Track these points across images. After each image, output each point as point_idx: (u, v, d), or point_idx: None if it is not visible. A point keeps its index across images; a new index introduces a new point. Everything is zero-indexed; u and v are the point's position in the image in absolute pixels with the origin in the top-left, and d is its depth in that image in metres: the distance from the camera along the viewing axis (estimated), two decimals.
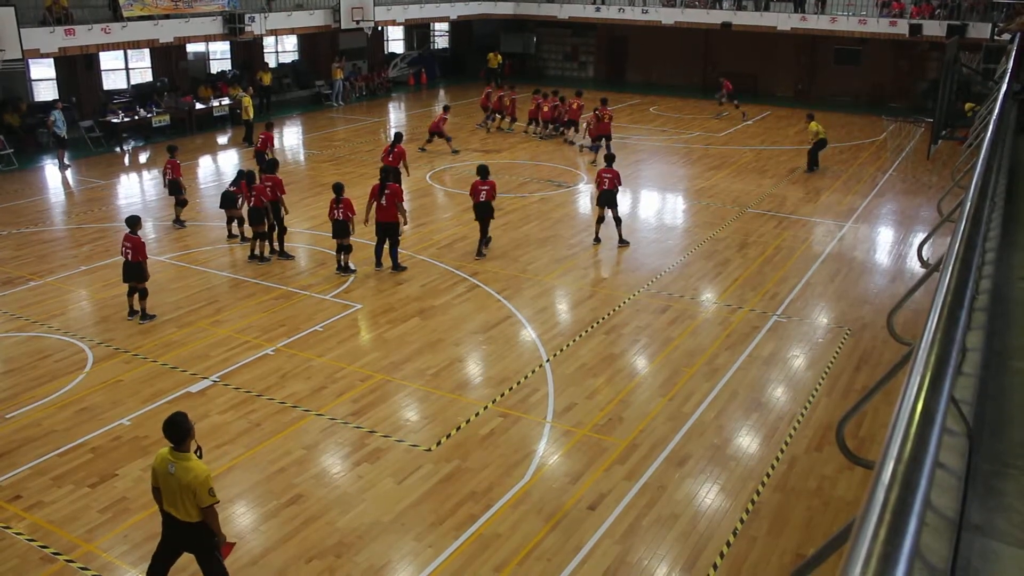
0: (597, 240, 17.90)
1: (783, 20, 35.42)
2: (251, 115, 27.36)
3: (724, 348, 13.13)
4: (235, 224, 18.01)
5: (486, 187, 16.59)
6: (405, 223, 16.17)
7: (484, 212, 16.77)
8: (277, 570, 8.22)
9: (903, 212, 20.92)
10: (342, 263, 15.97)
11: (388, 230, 15.88)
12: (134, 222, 14.00)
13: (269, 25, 31.35)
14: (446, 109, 27.53)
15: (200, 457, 7.31)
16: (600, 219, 17.80)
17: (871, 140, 29.53)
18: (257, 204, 16.33)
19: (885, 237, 19.20)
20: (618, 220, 17.71)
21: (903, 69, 36.19)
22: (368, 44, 39.09)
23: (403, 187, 17.28)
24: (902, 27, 33.14)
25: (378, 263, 16.17)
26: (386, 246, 16.00)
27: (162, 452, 7.26)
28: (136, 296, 13.99)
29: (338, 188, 15.87)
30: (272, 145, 22.01)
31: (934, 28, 32.45)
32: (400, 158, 19.68)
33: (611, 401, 11.45)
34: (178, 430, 7.18)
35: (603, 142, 25.24)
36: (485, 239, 17.09)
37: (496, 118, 30.04)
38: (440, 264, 16.49)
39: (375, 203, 15.76)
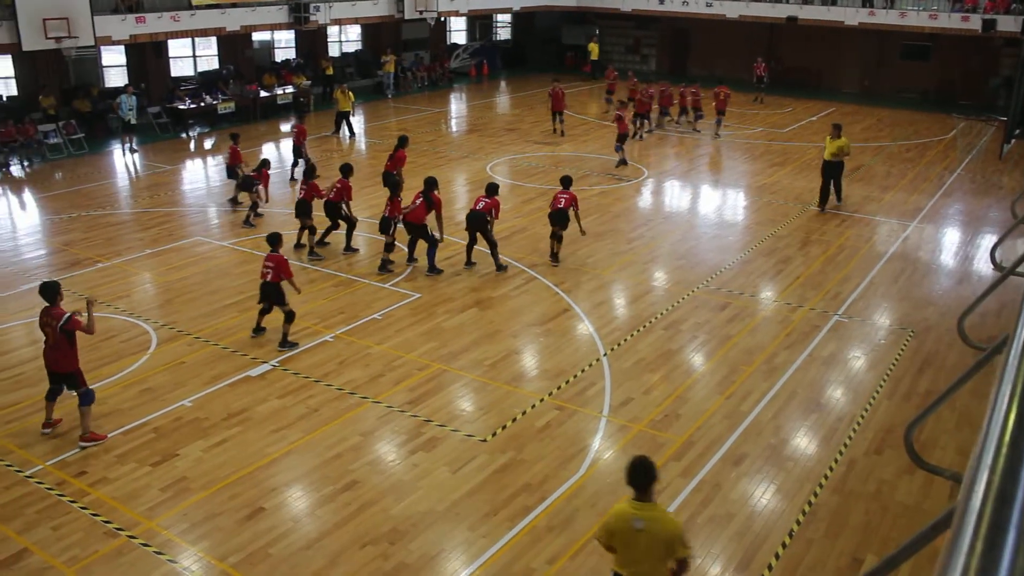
0: (555, 258, 16.24)
1: (850, 15, 34.79)
2: (349, 107, 27.13)
3: (783, 347, 12.97)
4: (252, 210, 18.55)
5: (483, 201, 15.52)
6: (440, 238, 15.78)
7: (476, 224, 15.56)
8: (332, 554, 8.31)
9: (972, 213, 20.43)
10: (384, 258, 15.77)
11: (415, 231, 15.68)
12: (275, 240, 12.75)
13: (333, 15, 31.62)
14: (556, 77, 28.10)
15: None
16: (554, 236, 16.20)
17: (939, 138, 28.90)
18: (306, 197, 16.36)
19: (952, 238, 18.77)
20: (559, 238, 16.23)
21: (975, 65, 35.31)
22: (430, 34, 39.25)
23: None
24: (975, 22, 32.34)
25: (409, 257, 16.05)
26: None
27: (619, 508, 6.28)
28: (264, 317, 12.98)
29: (392, 186, 16.06)
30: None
31: (1009, 24, 31.61)
32: (399, 164, 18.77)
33: (668, 397, 11.38)
34: (648, 474, 6.21)
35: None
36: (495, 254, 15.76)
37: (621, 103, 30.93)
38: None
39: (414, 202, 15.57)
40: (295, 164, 21.87)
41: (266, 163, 18.88)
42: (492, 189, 15.73)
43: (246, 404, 11.09)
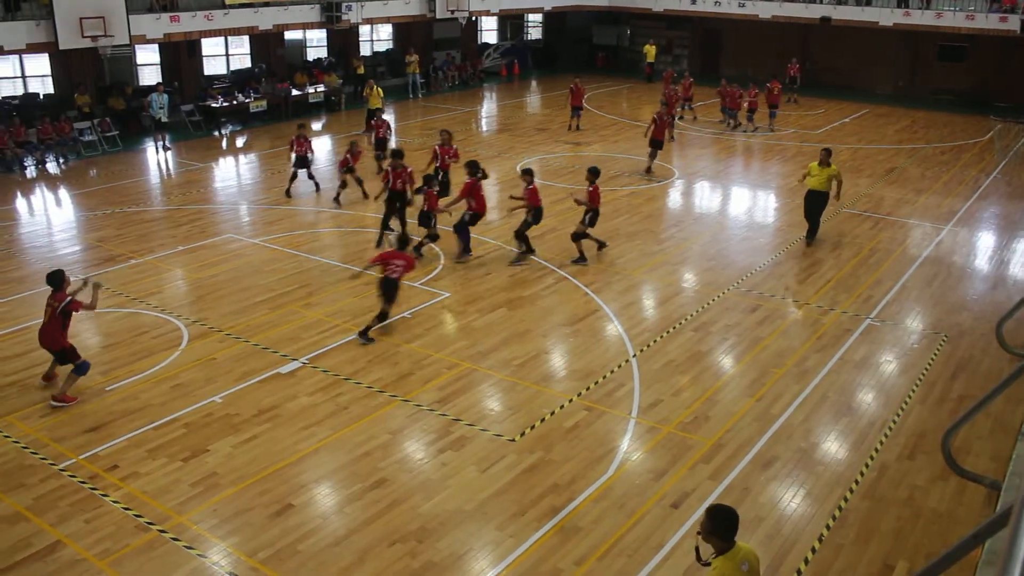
0: (590, 255, 16.41)
1: (885, 15, 34.43)
2: (379, 104, 27.16)
3: (814, 350, 12.86)
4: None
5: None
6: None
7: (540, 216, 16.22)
8: (360, 551, 8.34)
9: (1008, 216, 20.15)
10: (419, 249, 16.06)
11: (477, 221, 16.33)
12: (405, 242, 13.43)
13: (365, 14, 31.76)
14: (577, 75, 28.65)
15: None
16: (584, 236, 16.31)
17: (974, 140, 28.54)
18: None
19: (987, 242, 18.53)
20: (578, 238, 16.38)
21: (1013, 67, 34.80)
22: (462, 34, 39.29)
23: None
24: (1013, 23, 31.89)
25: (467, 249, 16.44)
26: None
27: (725, 569, 5.79)
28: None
29: (427, 180, 16.63)
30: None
31: None
32: (444, 157, 19.42)
33: (697, 399, 11.32)
34: (737, 520, 5.97)
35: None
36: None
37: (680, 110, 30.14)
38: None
39: (476, 196, 15.99)
40: (381, 157, 22.02)
41: (355, 145, 20.21)
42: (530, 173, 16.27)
43: (276, 401, 11.15)
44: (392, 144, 22.66)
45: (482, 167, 16.62)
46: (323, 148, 26.37)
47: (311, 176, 20.92)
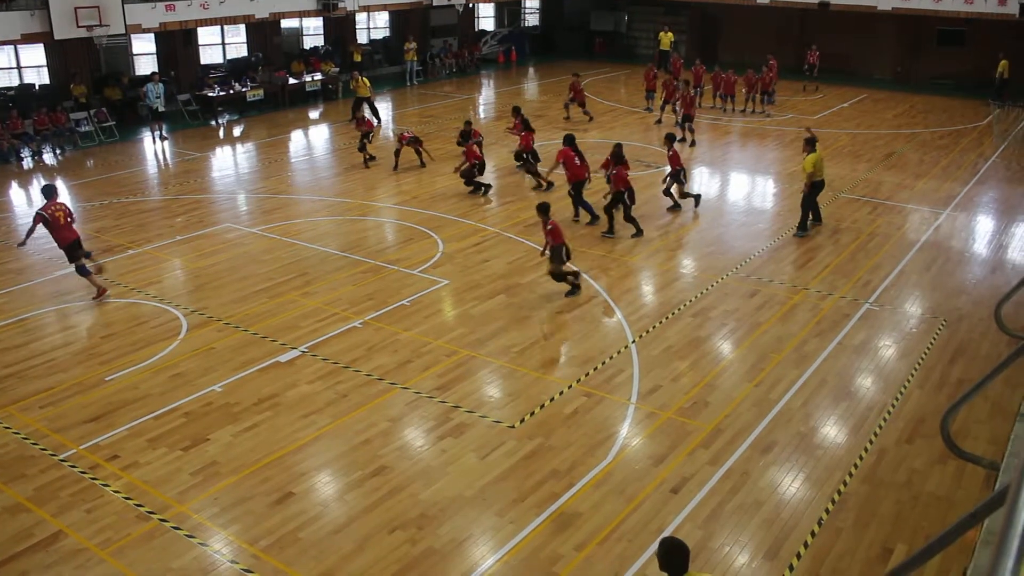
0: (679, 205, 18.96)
1: (883, 0, 34.28)
2: (367, 92, 27.13)
3: (813, 335, 12.86)
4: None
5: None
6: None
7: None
8: (360, 538, 8.36)
9: (1006, 200, 20.13)
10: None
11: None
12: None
13: (362, 1, 31.66)
14: (576, 75, 28.54)
15: None
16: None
17: (973, 125, 28.48)
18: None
19: (985, 226, 18.52)
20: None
21: (1012, 51, 34.66)
22: (459, 21, 39.18)
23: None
24: (1012, 6, 31.75)
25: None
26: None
27: None
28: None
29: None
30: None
31: None
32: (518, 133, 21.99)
33: (696, 385, 11.33)
34: (684, 556, 5.88)
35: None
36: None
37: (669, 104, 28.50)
38: (527, 242, 16.49)
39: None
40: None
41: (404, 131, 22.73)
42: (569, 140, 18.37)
43: (276, 389, 11.16)
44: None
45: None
46: (322, 135, 26.38)
47: (364, 149, 22.30)
